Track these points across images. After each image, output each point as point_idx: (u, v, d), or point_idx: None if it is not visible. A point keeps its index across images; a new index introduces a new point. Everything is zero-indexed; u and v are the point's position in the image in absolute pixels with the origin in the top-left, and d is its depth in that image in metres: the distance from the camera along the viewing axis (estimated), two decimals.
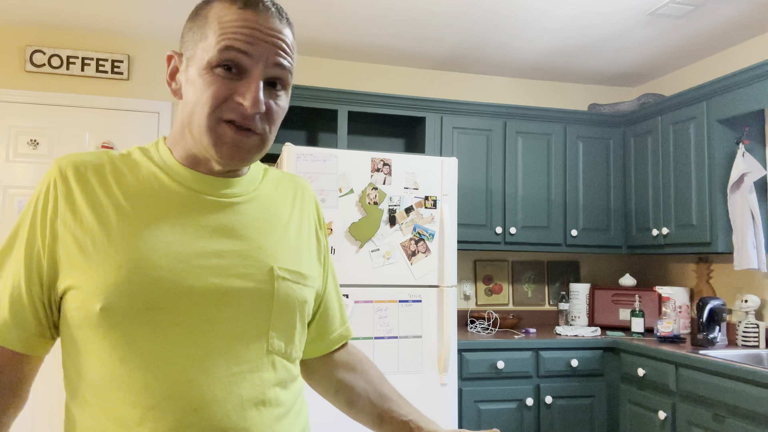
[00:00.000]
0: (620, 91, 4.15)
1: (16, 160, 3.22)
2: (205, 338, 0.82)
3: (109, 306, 0.79)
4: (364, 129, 3.66)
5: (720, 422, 2.43)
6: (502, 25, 3.11)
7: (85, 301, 0.80)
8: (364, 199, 2.67)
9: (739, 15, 2.92)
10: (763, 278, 3.03)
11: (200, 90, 0.83)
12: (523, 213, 3.44)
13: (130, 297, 0.80)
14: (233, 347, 0.83)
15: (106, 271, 0.80)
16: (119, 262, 0.81)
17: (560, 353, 3.07)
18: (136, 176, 0.88)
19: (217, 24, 0.83)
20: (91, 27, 3.25)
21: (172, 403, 0.79)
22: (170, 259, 0.82)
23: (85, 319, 0.81)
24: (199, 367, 0.81)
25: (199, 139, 0.85)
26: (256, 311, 0.86)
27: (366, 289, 2.64)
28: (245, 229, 0.89)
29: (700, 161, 3.05)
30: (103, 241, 0.82)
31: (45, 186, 0.86)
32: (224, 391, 0.81)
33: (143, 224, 0.84)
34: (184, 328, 0.81)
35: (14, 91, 3.21)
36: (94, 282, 0.80)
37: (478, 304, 3.74)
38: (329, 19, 3.08)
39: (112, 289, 0.80)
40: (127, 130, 3.36)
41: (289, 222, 0.97)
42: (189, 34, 0.88)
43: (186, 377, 0.80)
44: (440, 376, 2.70)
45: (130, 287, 0.80)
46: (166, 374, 0.79)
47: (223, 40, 0.82)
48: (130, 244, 0.82)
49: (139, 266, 0.81)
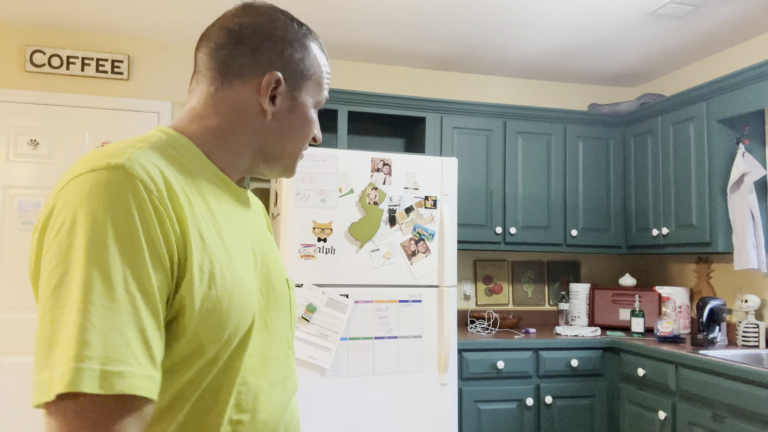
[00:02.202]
0: (620, 91, 4.15)
1: (16, 160, 3.22)
2: (265, 348, 0.87)
3: (230, 335, 0.79)
4: (364, 129, 3.66)
5: (720, 422, 2.43)
6: (502, 25, 3.11)
7: (198, 329, 0.74)
8: (364, 199, 2.67)
9: (739, 15, 2.92)
10: (763, 278, 3.03)
11: (306, 125, 0.92)
12: (523, 213, 3.44)
13: (242, 323, 0.80)
14: (280, 354, 0.90)
15: (221, 297, 0.76)
16: (231, 287, 0.78)
17: (560, 353, 3.07)
18: (197, 181, 0.82)
19: (320, 67, 0.93)
20: (91, 27, 3.25)
21: (245, 415, 0.82)
22: (248, 275, 0.85)
23: (200, 348, 0.75)
24: (263, 376, 0.85)
25: (278, 162, 0.92)
26: (285, 318, 0.94)
27: (366, 289, 2.64)
28: (262, 239, 0.95)
29: (700, 161, 3.05)
30: (206, 261, 0.75)
31: (141, 195, 0.70)
32: (280, 396, 0.88)
33: (226, 238, 0.82)
34: (256, 342, 0.85)
35: (14, 91, 3.21)
36: (209, 307, 0.75)
37: (478, 304, 3.74)
38: (329, 19, 3.08)
39: (231, 318, 0.78)
40: (127, 130, 3.36)
41: (268, 234, 1.03)
42: (297, 63, 0.90)
43: (256, 388, 0.84)
44: (440, 376, 2.70)
45: (242, 313, 0.80)
46: (249, 388, 0.83)
47: (326, 87, 0.95)
48: (227, 262, 0.79)
49: (243, 288, 0.81)
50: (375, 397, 2.61)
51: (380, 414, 2.61)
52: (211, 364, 0.76)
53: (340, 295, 2.60)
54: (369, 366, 2.61)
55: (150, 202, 0.70)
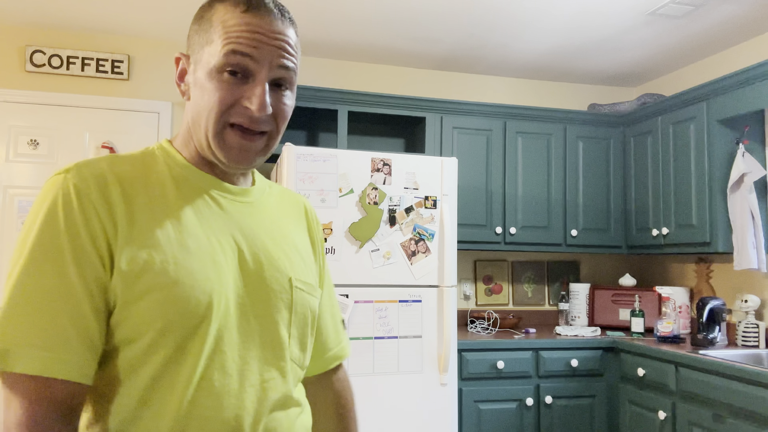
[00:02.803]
0: (620, 91, 4.15)
1: (16, 160, 3.22)
2: (241, 349, 0.84)
3: (169, 324, 0.79)
4: (364, 129, 3.66)
5: (720, 422, 2.44)
6: (502, 25, 3.11)
7: (141, 318, 0.78)
8: (364, 199, 2.67)
9: (739, 15, 2.92)
10: (763, 278, 3.03)
11: (208, 94, 0.85)
12: (523, 213, 3.44)
13: (187, 314, 0.80)
14: (263, 355, 0.87)
15: (163, 287, 0.79)
16: (175, 278, 0.79)
17: (560, 353, 3.08)
18: (158, 182, 0.86)
19: (222, 28, 0.85)
20: (91, 27, 3.25)
21: (214, 414, 0.80)
22: (215, 272, 0.83)
23: (139, 335, 0.79)
24: (238, 377, 0.83)
25: (205, 142, 0.87)
26: (279, 321, 0.89)
27: (366, 289, 2.64)
28: (263, 237, 0.92)
29: (700, 161, 3.05)
30: (154, 254, 0.80)
31: (69, 194, 0.79)
32: (256, 397, 0.84)
33: (184, 234, 0.83)
34: (225, 340, 0.83)
35: (14, 91, 3.21)
36: (150, 298, 0.78)
37: (478, 304, 3.74)
38: (329, 19, 3.08)
39: (172, 306, 0.79)
40: (127, 130, 3.36)
41: (295, 235, 0.99)
42: (195, 37, 0.89)
43: (227, 388, 0.82)
44: (440, 376, 2.70)
45: (188, 304, 0.79)
46: (212, 386, 0.81)
47: (228, 45, 0.83)
48: (179, 257, 0.81)
49: (195, 281, 0.80)
50: (375, 397, 2.61)
51: (380, 414, 2.61)
52: (151, 352, 0.79)
53: (340, 295, 2.60)
54: (369, 366, 2.61)
55: (78, 201, 0.78)
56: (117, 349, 0.79)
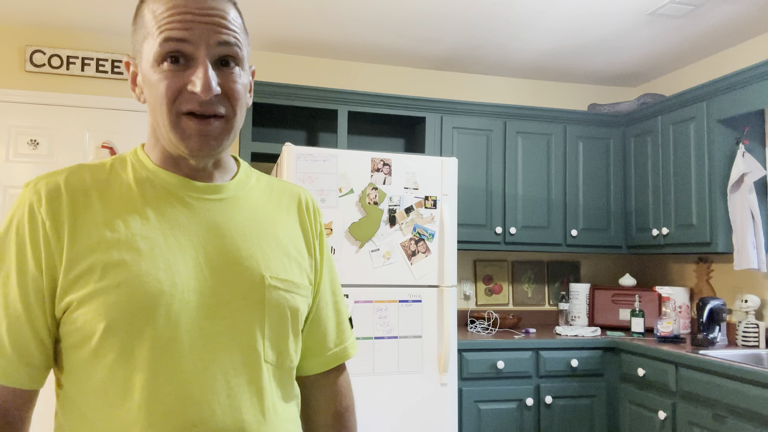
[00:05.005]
0: (620, 91, 4.15)
1: (16, 160, 3.22)
2: (202, 352, 0.82)
3: (112, 325, 0.79)
4: (364, 129, 3.66)
5: (720, 422, 2.43)
6: (502, 25, 3.11)
7: (86, 322, 0.80)
8: (364, 199, 2.67)
9: (739, 15, 2.92)
10: (763, 278, 3.03)
11: (155, 88, 0.84)
12: (523, 213, 3.44)
13: (131, 315, 0.79)
14: (230, 359, 0.84)
15: (106, 290, 0.80)
16: (119, 280, 0.80)
17: (560, 353, 3.07)
18: (119, 188, 0.87)
19: (153, 19, 0.84)
20: (91, 27, 3.25)
21: (171, 419, 0.79)
22: (168, 273, 0.82)
23: (86, 338, 0.80)
24: (198, 382, 0.81)
25: (167, 137, 0.86)
26: (249, 322, 0.86)
27: (366, 289, 2.64)
28: (234, 235, 0.89)
29: (700, 161, 3.05)
30: (100, 258, 0.81)
31: (23, 209, 0.83)
32: (223, 405, 0.82)
33: (137, 237, 0.83)
34: (181, 343, 0.81)
35: (14, 91, 3.21)
36: (95, 301, 0.79)
37: (478, 304, 3.74)
38: (329, 19, 3.08)
39: (115, 308, 0.79)
40: (127, 130, 3.36)
41: (280, 229, 0.95)
42: (135, 37, 0.89)
43: (185, 393, 0.80)
44: (440, 376, 2.70)
45: (130, 305, 0.79)
46: (164, 391, 0.80)
47: (161, 33, 0.82)
48: (126, 259, 0.81)
49: (140, 282, 0.80)
50: (375, 398, 2.61)
51: (380, 414, 2.61)
52: (100, 355, 0.80)
53: None
54: (369, 366, 2.61)
55: (30, 217, 0.82)
56: (71, 354, 0.82)
